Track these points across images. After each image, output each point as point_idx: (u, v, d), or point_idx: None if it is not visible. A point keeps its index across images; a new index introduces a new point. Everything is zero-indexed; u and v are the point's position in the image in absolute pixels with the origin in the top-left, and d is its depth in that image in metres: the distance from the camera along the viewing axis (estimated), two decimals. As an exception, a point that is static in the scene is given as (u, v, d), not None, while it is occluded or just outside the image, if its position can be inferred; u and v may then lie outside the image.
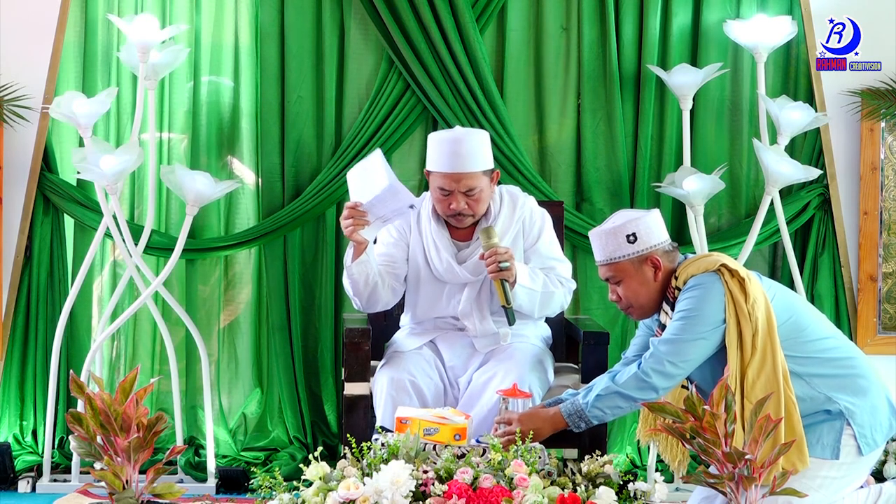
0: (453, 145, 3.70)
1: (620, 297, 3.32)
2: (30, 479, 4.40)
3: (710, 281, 3.16)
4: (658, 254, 3.26)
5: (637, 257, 3.26)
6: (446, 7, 4.52)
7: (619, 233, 3.26)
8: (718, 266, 3.18)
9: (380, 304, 3.80)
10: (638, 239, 3.25)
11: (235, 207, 4.72)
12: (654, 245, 3.26)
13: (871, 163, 4.60)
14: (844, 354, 3.21)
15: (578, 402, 3.24)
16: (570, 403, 3.25)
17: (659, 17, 4.60)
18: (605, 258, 3.30)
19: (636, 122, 4.67)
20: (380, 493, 2.80)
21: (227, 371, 4.78)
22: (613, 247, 3.26)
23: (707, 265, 3.21)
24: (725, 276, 3.16)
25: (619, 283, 3.29)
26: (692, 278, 3.20)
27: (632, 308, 3.33)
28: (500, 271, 3.63)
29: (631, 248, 3.25)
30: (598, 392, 3.20)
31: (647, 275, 3.27)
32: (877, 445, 3.14)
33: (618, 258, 3.27)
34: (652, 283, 3.27)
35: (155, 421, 2.79)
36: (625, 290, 3.29)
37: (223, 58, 4.69)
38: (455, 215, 3.74)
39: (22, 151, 4.48)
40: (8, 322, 4.52)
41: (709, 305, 3.14)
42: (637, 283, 3.28)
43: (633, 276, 3.27)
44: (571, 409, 3.24)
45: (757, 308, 3.12)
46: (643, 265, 3.26)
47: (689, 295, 3.17)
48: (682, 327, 3.15)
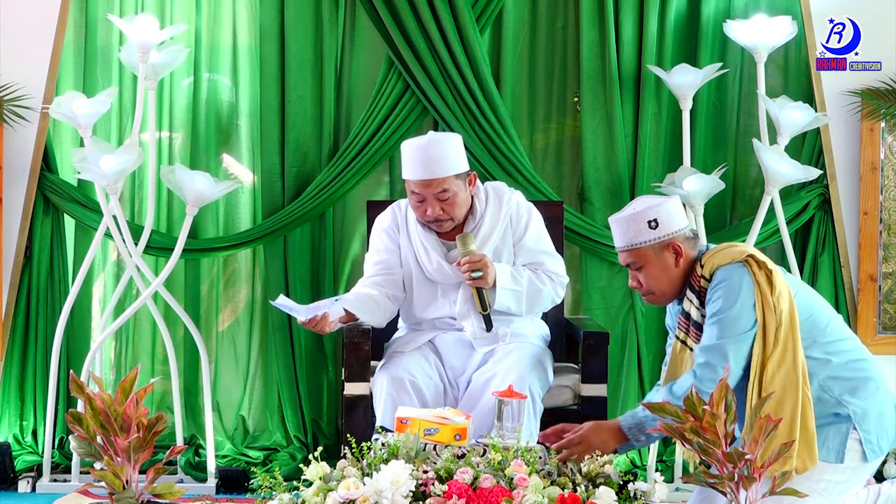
0: (422, 152, 3.71)
1: (641, 283, 3.29)
2: (30, 479, 4.41)
3: (739, 273, 3.14)
4: (679, 240, 3.25)
5: (658, 243, 3.24)
6: (446, 7, 4.52)
7: (641, 218, 3.24)
8: (746, 257, 3.17)
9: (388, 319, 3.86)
10: (659, 225, 3.23)
11: (235, 207, 4.73)
12: (676, 231, 3.25)
13: (871, 163, 4.60)
14: (858, 357, 3.20)
15: (639, 414, 3.18)
16: (629, 416, 3.19)
17: (657, 16, 4.60)
18: (626, 244, 3.28)
19: (636, 122, 4.67)
20: (380, 493, 2.80)
21: (227, 371, 4.78)
22: (634, 232, 3.24)
23: (734, 255, 3.18)
24: (753, 268, 3.14)
25: (640, 270, 3.27)
26: (719, 269, 3.17)
27: (652, 294, 3.30)
28: (475, 279, 3.65)
29: (652, 234, 3.23)
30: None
31: (668, 261, 3.25)
32: (882, 452, 3.13)
33: (639, 244, 3.25)
34: (673, 269, 3.25)
35: (155, 421, 2.79)
36: (646, 277, 3.27)
37: (223, 58, 4.69)
38: (433, 221, 3.75)
39: (22, 151, 4.48)
40: (8, 322, 4.52)
41: (741, 301, 3.11)
42: (658, 270, 3.26)
43: (655, 262, 3.25)
44: (632, 421, 3.18)
45: (782, 301, 3.11)
46: (664, 251, 3.24)
47: (720, 294, 3.14)
48: (721, 331, 3.12)
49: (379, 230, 3.93)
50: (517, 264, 3.82)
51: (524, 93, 4.74)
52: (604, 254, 4.63)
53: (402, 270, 3.87)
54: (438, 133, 3.92)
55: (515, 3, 4.67)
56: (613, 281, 4.69)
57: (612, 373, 4.53)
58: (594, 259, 4.67)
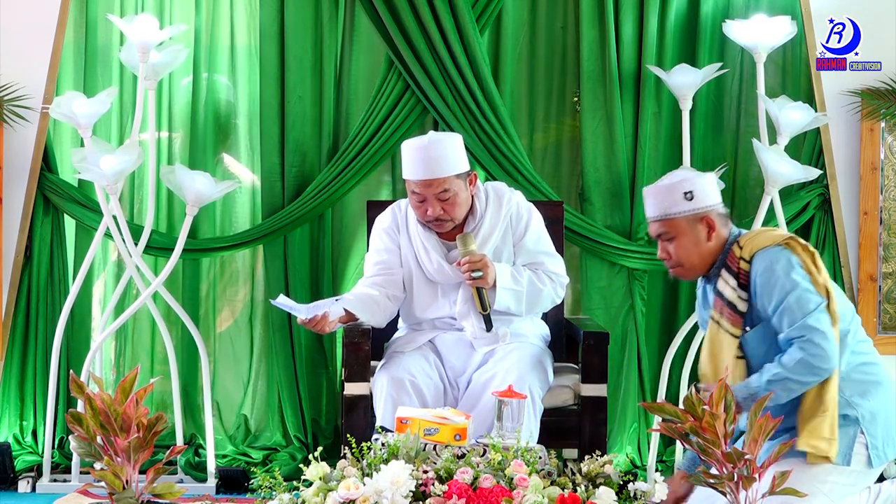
0: (423, 152, 3.71)
1: (670, 255, 3.29)
2: (30, 479, 4.41)
3: (784, 256, 3.13)
4: (713, 215, 3.25)
5: (693, 215, 3.24)
6: (446, 7, 4.52)
7: (677, 189, 3.24)
8: (786, 239, 3.17)
9: (388, 319, 3.86)
10: (695, 197, 3.23)
11: (235, 208, 4.73)
12: (710, 206, 3.25)
13: (871, 163, 4.60)
14: (871, 360, 3.20)
15: (751, 384, 3.11)
16: (742, 387, 3.11)
17: (657, 16, 4.60)
18: (660, 214, 3.27)
19: (636, 122, 4.67)
20: (380, 494, 2.80)
21: (226, 371, 4.78)
22: (670, 202, 3.24)
23: (774, 238, 3.18)
24: (797, 250, 3.14)
25: (672, 241, 3.26)
26: (760, 253, 3.16)
27: (680, 267, 3.29)
28: (475, 279, 3.65)
29: (688, 206, 3.23)
30: (769, 378, 3.09)
31: (700, 234, 3.24)
32: (887, 459, 3.13)
33: (673, 214, 3.24)
34: (704, 243, 3.25)
35: (155, 421, 2.79)
36: (676, 248, 3.26)
37: (223, 58, 4.69)
38: (433, 221, 3.75)
39: (22, 151, 4.48)
40: (8, 322, 4.52)
41: (794, 276, 3.10)
42: (690, 242, 3.25)
43: (687, 234, 3.25)
44: (745, 392, 3.10)
45: (829, 283, 3.12)
46: (698, 224, 3.24)
47: (772, 281, 3.11)
48: (791, 318, 3.08)
49: (379, 230, 3.93)
50: (517, 264, 3.82)
51: (524, 93, 4.74)
52: (604, 254, 4.63)
53: (402, 270, 3.87)
54: (439, 133, 3.91)
55: (515, 3, 4.67)
56: (613, 281, 4.69)
57: (612, 373, 4.52)
58: (594, 259, 4.67)
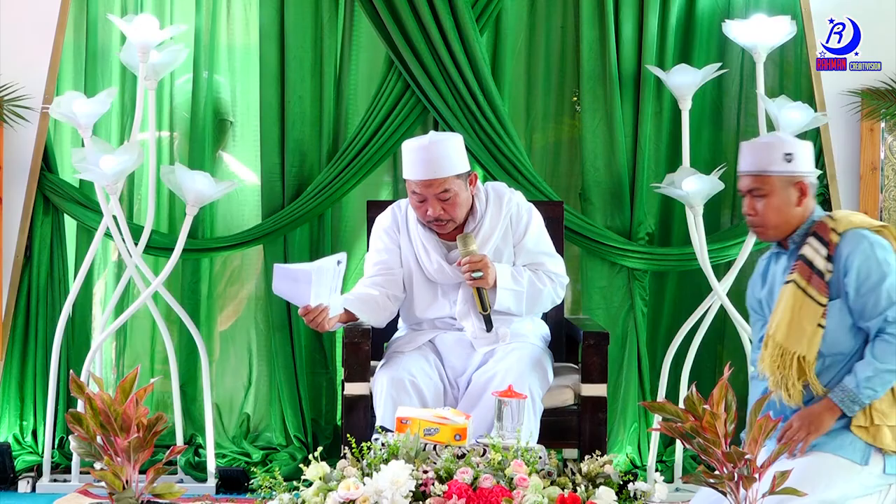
0: (423, 152, 3.71)
1: (756, 212, 3.28)
2: (30, 479, 4.41)
3: (878, 240, 3.16)
4: (807, 182, 3.26)
5: (789, 177, 3.24)
6: (446, 7, 4.52)
7: (778, 148, 3.25)
8: (881, 226, 3.20)
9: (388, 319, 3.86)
10: (794, 160, 3.24)
11: (235, 207, 4.73)
12: (807, 172, 3.26)
13: (871, 163, 4.60)
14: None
15: (848, 387, 3.13)
16: (839, 390, 3.14)
17: (657, 16, 4.60)
18: (758, 169, 3.27)
19: (636, 122, 4.67)
20: (380, 494, 2.80)
21: (227, 371, 4.79)
22: (769, 160, 3.25)
23: (870, 223, 3.21)
24: (892, 239, 3.18)
25: (762, 198, 3.26)
26: (852, 231, 3.17)
27: (763, 227, 3.29)
28: (475, 279, 3.65)
29: (786, 167, 3.24)
30: (867, 374, 3.12)
31: (791, 197, 3.24)
32: None
33: (771, 172, 3.25)
34: (794, 207, 3.25)
35: (155, 421, 2.79)
36: (765, 207, 3.26)
37: (222, 58, 4.69)
38: (434, 221, 3.75)
39: (22, 151, 4.48)
40: (8, 322, 4.52)
41: (890, 264, 3.13)
42: (780, 202, 3.25)
43: (779, 194, 3.25)
44: (842, 395, 3.13)
45: None
46: (791, 187, 3.24)
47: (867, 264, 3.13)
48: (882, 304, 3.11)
49: (379, 230, 3.93)
50: (517, 265, 3.82)
51: (524, 93, 4.74)
52: (604, 254, 4.63)
53: (402, 270, 3.87)
54: (439, 133, 3.92)
55: (515, 3, 4.67)
56: (613, 281, 4.69)
57: (612, 373, 4.53)
58: (594, 259, 4.67)
